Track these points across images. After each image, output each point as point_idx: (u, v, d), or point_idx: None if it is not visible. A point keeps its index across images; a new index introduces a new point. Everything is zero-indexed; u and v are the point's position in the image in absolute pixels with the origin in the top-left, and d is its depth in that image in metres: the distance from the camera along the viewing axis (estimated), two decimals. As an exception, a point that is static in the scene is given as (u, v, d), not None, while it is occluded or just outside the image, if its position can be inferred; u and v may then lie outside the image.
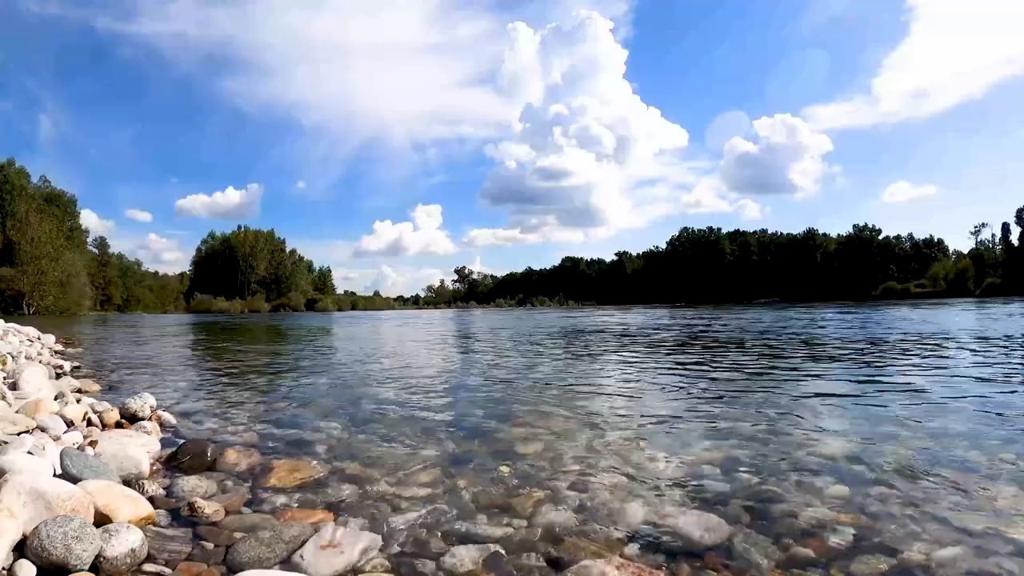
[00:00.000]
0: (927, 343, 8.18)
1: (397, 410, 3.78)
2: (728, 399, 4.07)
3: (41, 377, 4.04)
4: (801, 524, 1.81)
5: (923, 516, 1.84)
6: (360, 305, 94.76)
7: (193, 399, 4.34)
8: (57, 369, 5.87)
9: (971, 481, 2.16)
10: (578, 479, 2.27)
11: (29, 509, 1.57)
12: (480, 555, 1.62)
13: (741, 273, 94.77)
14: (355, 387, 4.94)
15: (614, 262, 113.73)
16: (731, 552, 1.63)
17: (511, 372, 5.97)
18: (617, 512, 1.92)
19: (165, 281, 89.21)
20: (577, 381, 5.36)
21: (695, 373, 5.61)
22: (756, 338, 10.06)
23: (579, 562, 1.56)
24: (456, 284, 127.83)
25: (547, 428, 3.17)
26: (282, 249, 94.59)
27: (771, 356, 7.13)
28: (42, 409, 2.86)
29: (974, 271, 70.21)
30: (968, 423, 3.13)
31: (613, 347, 9.07)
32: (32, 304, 53.27)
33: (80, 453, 2.13)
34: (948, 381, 4.65)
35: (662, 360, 6.92)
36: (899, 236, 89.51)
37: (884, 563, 1.54)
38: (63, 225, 60.60)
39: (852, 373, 5.42)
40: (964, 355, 6.71)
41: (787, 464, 2.42)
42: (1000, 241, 74.03)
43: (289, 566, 1.55)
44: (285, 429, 3.22)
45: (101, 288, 69.05)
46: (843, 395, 4.14)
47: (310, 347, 10.37)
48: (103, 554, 1.48)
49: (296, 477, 2.31)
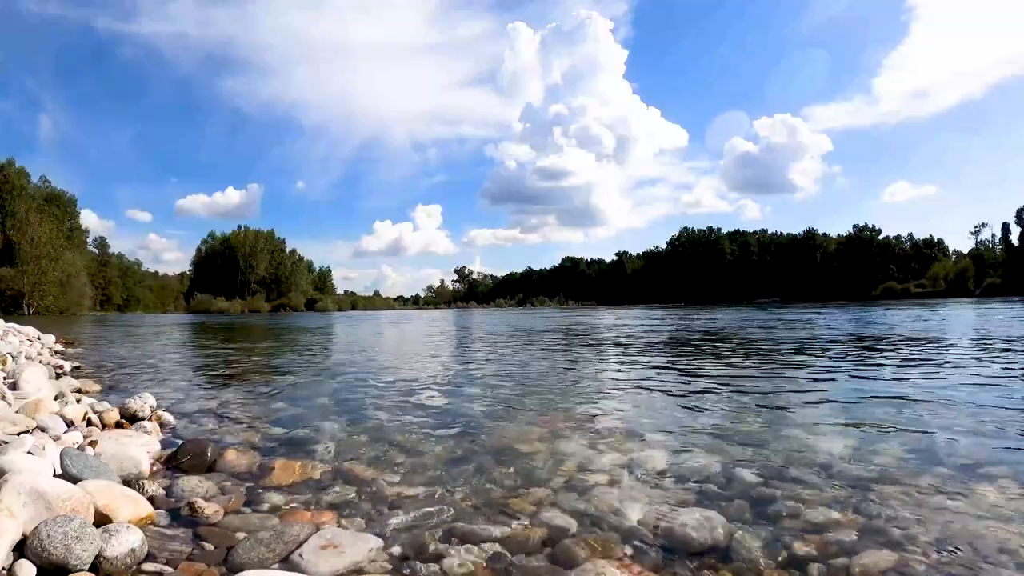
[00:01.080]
0: (927, 343, 8.18)
1: (397, 410, 3.78)
2: (728, 399, 4.07)
3: (41, 377, 4.03)
4: (801, 523, 1.81)
5: (923, 516, 1.84)
6: (360, 305, 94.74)
7: (193, 399, 4.33)
8: (57, 369, 5.87)
9: (972, 481, 2.16)
10: (578, 479, 2.27)
11: (29, 509, 1.56)
12: (480, 555, 1.62)
13: (741, 273, 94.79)
14: (355, 387, 4.94)
15: (614, 262, 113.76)
16: (731, 552, 1.63)
17: (510, 372, 5.97)
18: (617, 512, 1.92)
19: (165, 281, 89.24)
20: (577, 381, 5.36)
21: (695, 373, 5.60)
22: (756, 338, 10.06)
23: (579, 562, 1.56)
24: (456, 284, 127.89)
25: (547, 428, 3.17)
26: (282, 249, 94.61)
27: (771, 356, 7.13)
28: (42, 409, 2.85)
29: (974, 271, 70.24)
30: (968, 423, 3.13)
31: (613, 347, 9.06)
32: (32, 304, 53.28)
33: (80, 453, 2.13)
34: (948, 381, 4.65)
35: (662, 360, 6.92)
36: (899, 236, 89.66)
37: (884, 563, 1.54)
38: (63, 225, 60.67)
39: (852, 373, 5.42)
40: (964, 355, 6.71)
41: (787, 463, 2.42)
42: (1000, 241, 74.06)
43: (289, 566, 1.54)
44: (285, 429, 3.22)
45: (101, 288, 69.07)
46: (843, 394, 4.14)
47: (310, 347, 10.37)
48: (103, 554, 1.48)
49: (296, 477, 2.31)
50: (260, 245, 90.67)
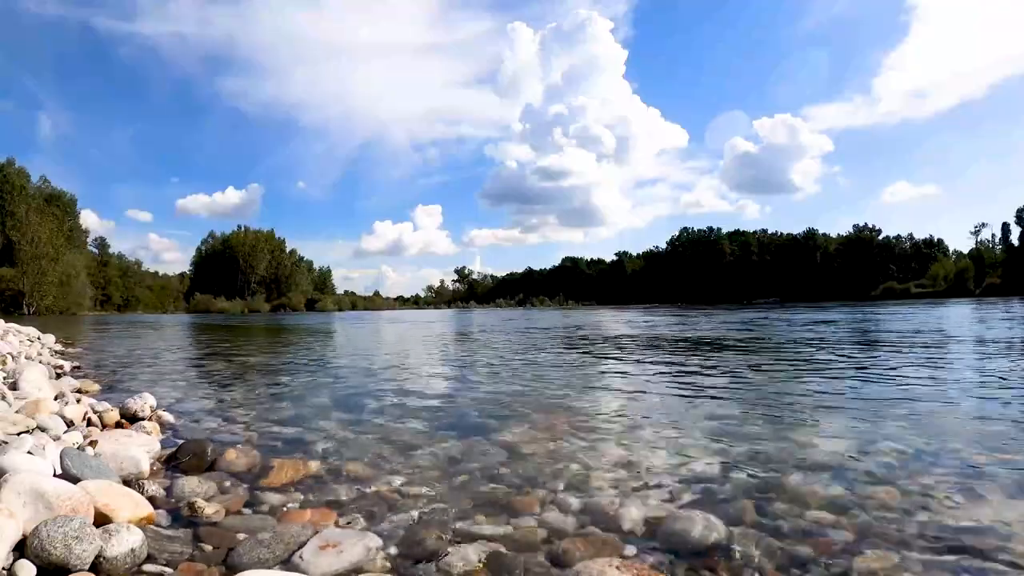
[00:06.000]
0: (927, 343, 8.17)
1: (397, 409, 3.79)
2: (728, 399, 4.07)
3: (41, 377, 4.04)
4: (801, 523, 1.81)
5: (923, 516, 1.84)
6: (360, 305, 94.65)
7: (193, 399, 4.33)
8: (57, 369, 5.88)
9: (972, 480, 2.16)
10: (578, 479, 2.27)
11: (29, 509, 1.56)
12: (480, 555, 1.62)
13: (741, 273, 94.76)
14: (355, 387, 4.94)
15: (614, 262, 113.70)
16: (731, 552, 1.63)
17: (510, 371, 5.97)
18: (617, 512, 1.92)
19: (165, 281, 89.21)
20: (577, 381, 5.36)
21: (695, 372, 5.60)
22: (755, 338, 10.06)
23: (579, 562, 1.56)
24: (456, 284, 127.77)
25: (547, 427, 3.17)
26: (282, 249, 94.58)
27: (770, 356, 7.14)
28: (42, 409, 2.85)
29: (974, 271, 70.23)
30: (968, 422, 3.14)
31: (612, 347, 9.06)
32: (32, 304, 53.32)
33: (80, 453, 2.13)
34: (948, 380, 4.65)
35: (661, 360, 6.92)
36: (899, 236, 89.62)
37: (884, 563, 1.54)
38: (63, 225, 60.68)
39: (852, 373, 5.42)
40: (964, 355, 6.71)
41: (787, 463, 2.42)
42: (1000, 241, 74.11)
43: (289, 566, 1.54)
44: (285, 429, 3.22)
45: (101, 288, 69.16)
46: (843, 394, 4.14)
47: (310, 347, 10.37)
48: (103, 554, 1.48)
49: (296, 477, 2.31)
50: (260, 245, 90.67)
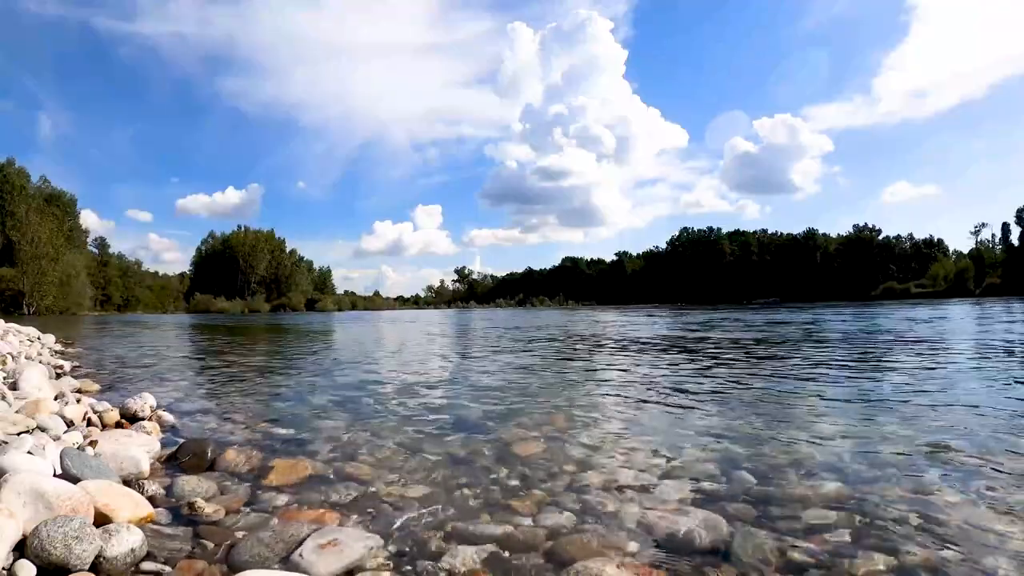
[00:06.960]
0: (927, 343, 8.17)
1: (397, 409, 3.79)
2: (727, 399, 4.07)
3: (41, 377, 4.04)
4: (801, 523, 1.81)
5: (923, 515, 1.84)
6: (360, 305, 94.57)
7: (193, 399, 4.33)
8: (57, 369, 5.88)
9: (971, 480, 2.16)
10: (578, 479, 2.27)
11: (29, 509, 1.57)
12: (480, 555, 1.62)
13: (741, 273, 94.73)
14: (355, 386, 4.94)
15: (614, 262, 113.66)
16: (731, 552, 1.63)
17: (510, 372, 5.97)
18: (617, 512, 1.92)
19: (165, 281, 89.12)
20: (576, 381, 5.36)
21: (694, 372, 5.60)
22: (755, 338, 10.06)
23: (579, 562, 1.56)
24: (456, 284, 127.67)
25: (547, 428, 3.18)
26: (282, 249, 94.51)
27: (770, 356, 7.14)
28: (42, 409, 2.86)
29: (974, 271, 70.19)
30: (969, 423, 3.13)
31: (612, 347, 9.06)
32: (32, 304, 53.32)
33: (80, 453, 2.13)
34: (948, 380, 4.65)
35: (661, 360, 6.92)
36: (899, 236, 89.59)
37: (884, 563, 1.54)
38: (63, 225, 60.64)
39: (851, 372, 5.42)
40: (964, 354, 6.71)
41: (787, 463, 2.42)
42: (1000, 241, 74.09)
43: (289, 565, 1.55)
44: (285, 428, 3.22)
45: (101, 288, 69.12)
46: (842, 394, 4.14)
47: (310, 347, 10.37)
48: (103, 554, 1.48)
49: (296, 476, 2.31)
50: (260, 245, 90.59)
